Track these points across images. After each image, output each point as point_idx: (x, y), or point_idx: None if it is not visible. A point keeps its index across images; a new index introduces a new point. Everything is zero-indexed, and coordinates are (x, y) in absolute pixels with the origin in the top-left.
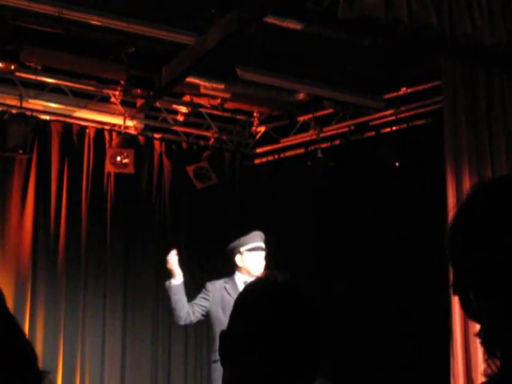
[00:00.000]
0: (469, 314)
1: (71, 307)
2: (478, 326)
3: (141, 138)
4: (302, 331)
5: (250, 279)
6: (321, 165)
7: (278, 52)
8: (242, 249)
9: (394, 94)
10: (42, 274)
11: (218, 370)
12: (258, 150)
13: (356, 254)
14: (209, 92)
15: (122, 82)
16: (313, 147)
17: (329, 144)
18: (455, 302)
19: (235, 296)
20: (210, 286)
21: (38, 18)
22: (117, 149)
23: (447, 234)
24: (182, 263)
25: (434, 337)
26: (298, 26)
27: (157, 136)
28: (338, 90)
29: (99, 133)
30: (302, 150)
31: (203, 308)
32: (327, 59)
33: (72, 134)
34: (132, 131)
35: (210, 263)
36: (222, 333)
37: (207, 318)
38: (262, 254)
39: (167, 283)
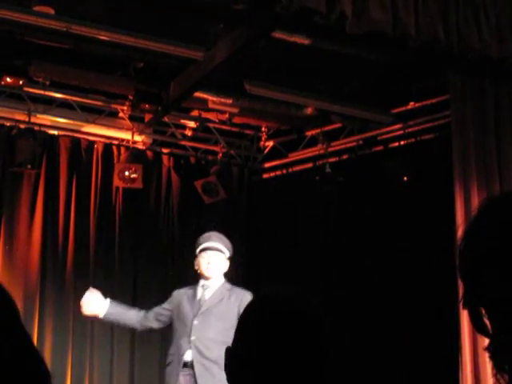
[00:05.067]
0: (478, 328)
1: (79, 320)
2: (486, 341)
3: (149, 153)
4: (304, 347)
5: (207, 282)
6: (329, 179)
7: (285, 67)
8: (196, 251)
9: (402, 109)
10: (51, 288)
11: (166, 375)
12: (267, 165)
13: (364, 269)
14: (217, 107)
15: (130, 97)
16: (321, 162)
17: (337, 158)
18: (464, 316)
19: (192, 303)
20: (175, 292)
21: (46, 33)
22: (125, 164)
23: (457, 249)
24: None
25: (443, 351)
26: (306, 41)
27: (165, 151)
28: (346, 104)
29: (107, 148)
30: (310, 165)
31: (166, 311)
32: (335, 74)
33: (80, 149)
34: (140, 146)
35: None
36: (227, 349)
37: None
38: (212, 253)
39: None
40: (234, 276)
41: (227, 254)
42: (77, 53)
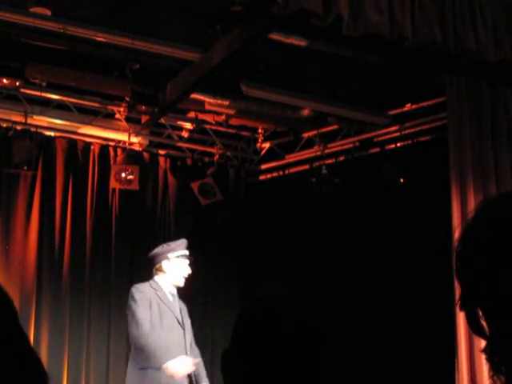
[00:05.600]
0: (475, 329)
1: (76, 322)
2: (483, 342)
3: (145, 155)
4: (300, 351)
5: (173, 289)
6: (325, 181)
7: (282, 68)
8: (171, 255)
9: (399, 110)
10: (47, 289)
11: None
12: (263, 167)
13: (360, 270)
14: (213, 108)
15: (127, 99)
16: (317, 163)
17: (333, 160)
18: (460, 318)
19: (170, 305)
20: (140, 286)
21: (42, 34)
22: (122, 165)
23: (454, 250)
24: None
25: (439, 352)
26: (303, 43)
27: (161, 152)
28: (343, 106)
29: (104, 149)
30: (306, 167)
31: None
32: (332, 75)
33: (77, 151)
34: (137, 147)
35: (216, 279)
36: (224, 351)
37: None
38: (187, 261)
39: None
40: (230, 277)
41: None
42: (73, 54)
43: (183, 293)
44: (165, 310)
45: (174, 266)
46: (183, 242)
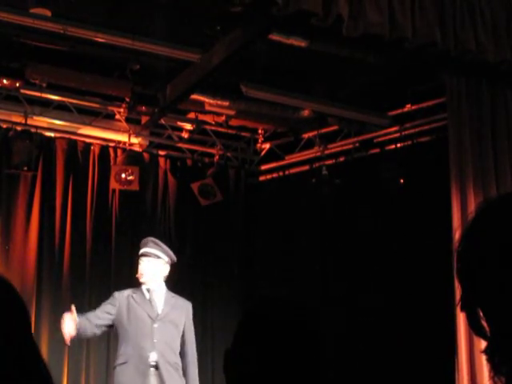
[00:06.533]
0: (476, 330)
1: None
2: (483, 343)
3: (145, 155)
4: (302, 353)
5: (150, 286)
6: (326, 181)
7: (282, 69)
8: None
9: (399, 111)
10: (47, 290)
11: (120, 375)
12: (263, 167)
13: (360, 271)
14: (213, 109)
15: (127, 99)
16: (317, 164)
17: (333, 161)
18: (460, 318)
19: (143, 305)
20: (117, 294)
21: (42, 35)
22: (122, 166)
23: (455, 251)
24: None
25: (439, 353)
26: (303, 43)
27: (161, 153)
28: (343, 106)
29: (104, 150)
30: (306, 167)
31: (108, 316)
32: (332, 76)
33: (77, 151)
34: (137, 148)
35: (216, 279)
36: (226, 352)
37: (113, 325)
38: (146, 259)
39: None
40: (230, 277)
41: (165, 259)
42: (73, 55)
43: (184, 293)
44: (134, 308)
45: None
46: (143, 241)
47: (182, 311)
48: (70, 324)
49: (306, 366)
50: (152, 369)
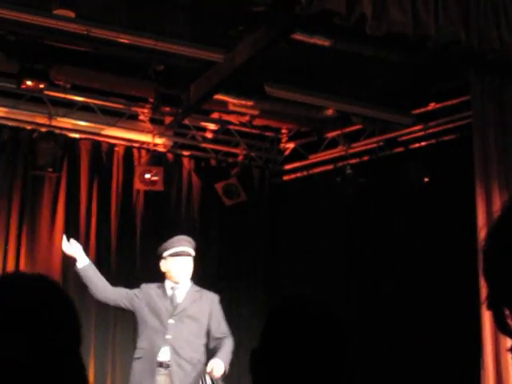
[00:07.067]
0: (502, 328)
1: (101, 323)
2: (509, 341)
3: (169, 156)
4: (327, 352)
5: (176, 285)
6: (350, 181)
7: (306, 68)
8: (165, 254)
9: (423, 110)
10: (73, 291)
11: (134, 369)
12: (287, 167)
13: (385, 270)
14: (237, 109)
15: (151, 100)
16: (341, 163)
17: (357, 160)
18: (486, 317)
19: (163, 300)
20: (144, 286)
21: (66, 36)
22: (146, 166)
23: (481, 250)
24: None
25: (465, 351)
26: (326, 43)
27: (185, 153)
28: (367, 105)
29: (128, 150)
30: (330, 167)
31: (131, 298)
32: (355, 75)
33: (101, 152)
34: (161, 149)
35: (241, 279)
36: (252, 351)
37: (135, 315)
38: (186, 259)
39: (75, 268)
40: (255, 277)
41: (194, 255)
42: (97, 56)
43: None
44: (155, 306)
45: (168, 264)
46: (178, 239)
47: (206, 304)
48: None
49: (331, 364)
50: (161, 368)
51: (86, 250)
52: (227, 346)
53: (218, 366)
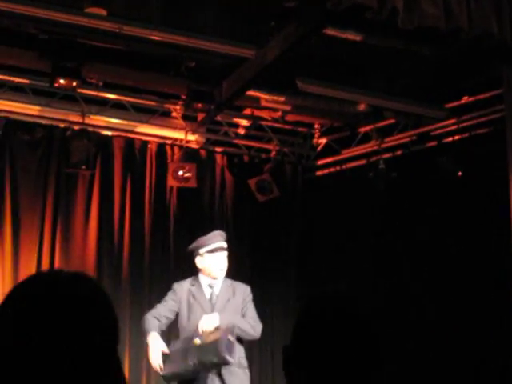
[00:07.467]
0: None
1: (136, 322)
2: None
3: (202, 152)
4: (359, 348)
5: (213, 281)
6: (383, 175)
7: (338, 63)
8: (202, 250)
9: (456, 104)
10: (107, 287)
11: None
12: (320, 162)
13: (418, 265)
14: (269, 105)
15: (183, 97)
16: (374, 158)
17: (390, 154)
18: None
19: (201, 299)
20: (177, 286)
21: (98, 34)
22: (179, 163)
23: None
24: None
25: (497, 352)
26: (358, 37)
27: (218, 150)
28: (399, 100)
29: (161, 147)
30: (363, 161)
31: (173, 311)
32: (388, 69)
33: (134, 149)
34: (194, 145)
35: (273, 275)
36: (284, 348)
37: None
38: (223, 254)
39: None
40: (288, 273)
41: (227, 247)
42: (129, 53)
43: None
44: (194, 306)
45: (206, 261)
46: (214, 235)
47: (240, 296)
48: (158, 355)
49: (364, 361)
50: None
51: (120, 247)
52: (248, 321)
53: (206, 320)
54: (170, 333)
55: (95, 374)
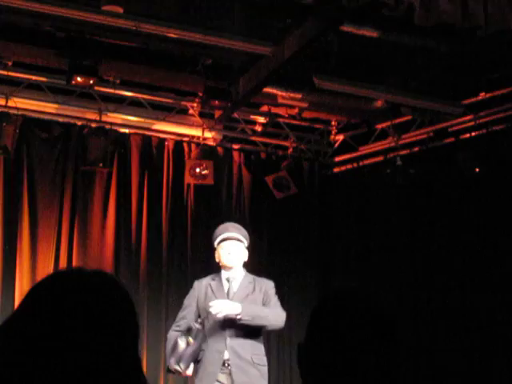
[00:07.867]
0: None
1: (153, 319)
2: None
3: (219, 149)
4: (378, 346)
5: (231, 274)
6: (400, 172)
7: (354, 60)
8: (215, 244)
9: (473, 100)
10: (125, 285)
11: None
12: (337, 159)
13: (436, 261)
14: (286, 102)
15: (200, 94)
16: (392, 155)
17: (408, 151)
18: None
19: (218, 293)
20: (197, 283)
21: (115, 32)
22: (196, 160)
23: None
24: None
25: None
26: (375, 34)
27: (235, 147)
28: (416, 96)
29: (178, 145)
30: (380, 158)
31: (193, 308)
32: (404, 66)
33: (151, 147)
34: (211, 142)
35: (292, 272)
36: (299, 345)
37: None
38: (232, 242)
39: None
40: (306, 270)
41: (245, 243)
42: (146, 51)
43: None
44: (211, 298)
45: (217, 252)
46: (223, 226)
47: (260, 293)
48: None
49: (381, 358)
50: (223, 366)
51: (138, 244)
52: (269, 308)
53: (216, 305)
54: None
55: (117, 372)
